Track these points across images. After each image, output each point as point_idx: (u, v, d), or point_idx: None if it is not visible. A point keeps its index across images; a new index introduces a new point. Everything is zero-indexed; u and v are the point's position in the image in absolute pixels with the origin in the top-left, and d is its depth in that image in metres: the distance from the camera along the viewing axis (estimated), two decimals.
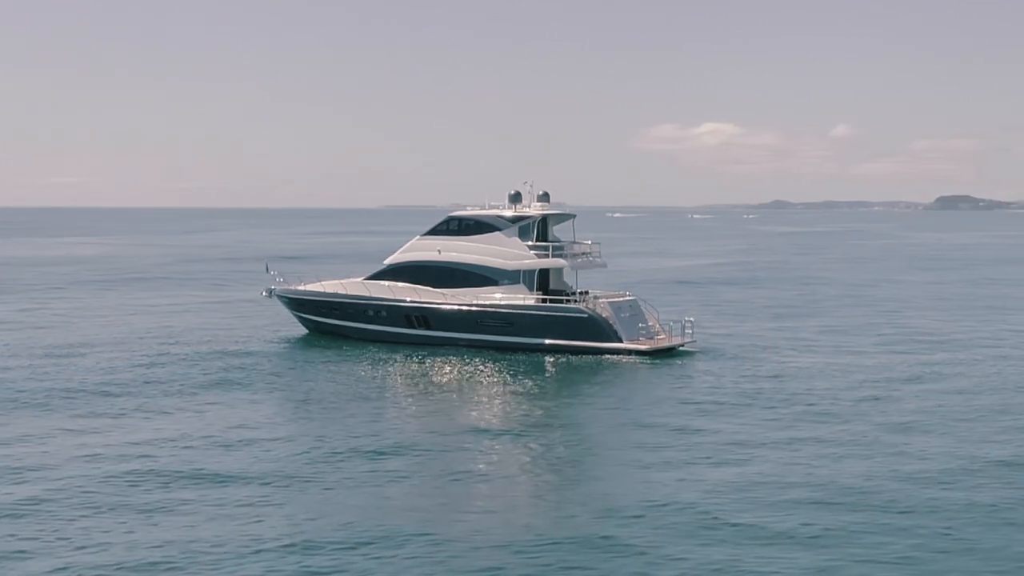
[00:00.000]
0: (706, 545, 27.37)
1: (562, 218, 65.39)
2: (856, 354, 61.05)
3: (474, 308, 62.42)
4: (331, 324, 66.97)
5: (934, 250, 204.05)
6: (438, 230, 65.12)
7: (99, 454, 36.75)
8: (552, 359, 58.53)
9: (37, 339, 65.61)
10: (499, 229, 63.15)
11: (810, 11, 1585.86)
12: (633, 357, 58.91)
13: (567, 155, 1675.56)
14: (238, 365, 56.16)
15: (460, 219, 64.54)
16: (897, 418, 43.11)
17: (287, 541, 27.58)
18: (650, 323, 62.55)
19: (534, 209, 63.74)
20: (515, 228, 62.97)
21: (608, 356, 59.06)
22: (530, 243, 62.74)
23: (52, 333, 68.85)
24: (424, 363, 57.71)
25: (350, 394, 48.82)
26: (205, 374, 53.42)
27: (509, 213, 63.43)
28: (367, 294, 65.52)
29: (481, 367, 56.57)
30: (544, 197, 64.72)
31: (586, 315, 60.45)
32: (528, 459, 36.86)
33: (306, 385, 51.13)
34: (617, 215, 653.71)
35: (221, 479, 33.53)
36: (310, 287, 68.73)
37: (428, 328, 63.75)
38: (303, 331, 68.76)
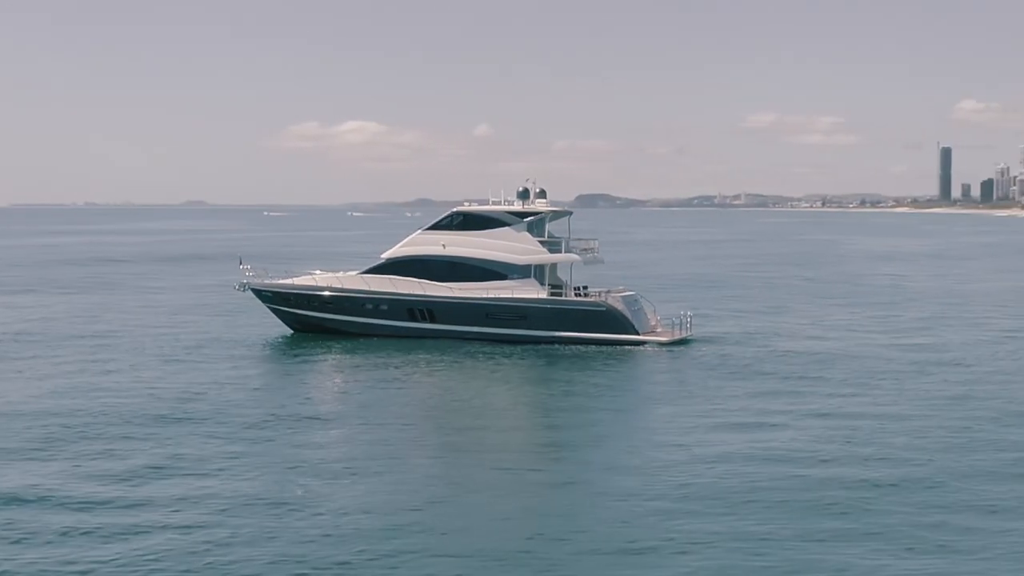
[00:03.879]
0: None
1: (560, 215, 67.60)
2: (847, 336, 66.64)
3: (484, 301, 63.64)
4: (322, 319, 66.22)
5: (714, 247, 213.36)
6: (442, 225, 65.77)
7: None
8: (571, 351, 60.75)
9: None
10: (508, 224, 64.55)
11: (448, 12, 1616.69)
12: (652, 348, 61.94)
13: (211, 154, 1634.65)
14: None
15: (466, 214, 65.47)
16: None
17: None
18: (648, 317, 65.80)
19: (539, 206, 65.68)
20: (524, 224, 64.65)
21: (628, 348, 61.76)
22: (541, 239, 64.76)
23: None
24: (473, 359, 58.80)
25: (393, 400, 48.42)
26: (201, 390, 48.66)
27: (517, 209, 65.08)
28: (366, 287, 65.49)
29: (514, 362, 58.16)
30: (541, 194, 66.76)
31: (605, 308, 63.02)
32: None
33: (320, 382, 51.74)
34: (274, 214, 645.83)
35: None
36: (298, 281, 67.72)
37: (433, 321, 64.40)
38: (283, 330, 67.66)
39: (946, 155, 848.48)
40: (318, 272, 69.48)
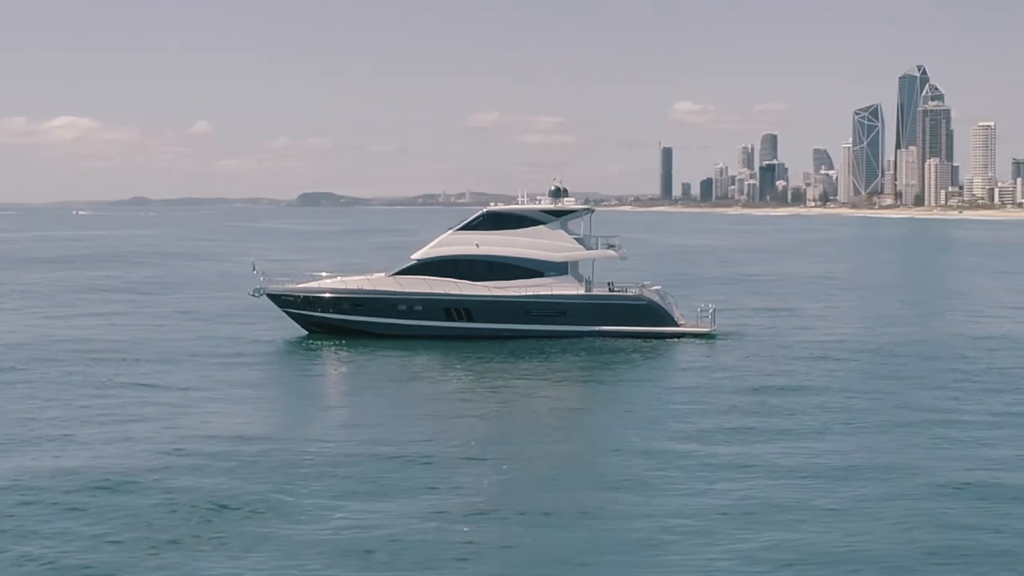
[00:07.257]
0: None
1: (582, 213, 68.48)
2: (846, 325, 70.24)
3: (524, 299, 63.86)
4: (349, 321, 64.76)
5: None
6: (473, 225, 65.45)
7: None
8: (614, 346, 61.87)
9: None
10: (542, 223, 64.98)
11: (160, 4, 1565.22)
12: (689, 340, 63.71)
13: None
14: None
15: (498, 213, 65.54)
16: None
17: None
18: (674, 310, 67.38)
19: (568, 204, 66.35)
20: (558, 222, 65.25)
21: (672, 339, 63.26)
22: (577, 236, 65.62)
23: None
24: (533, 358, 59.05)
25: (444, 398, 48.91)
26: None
27: (550, 207, 65.60)
28: (399, 288, 64.65)
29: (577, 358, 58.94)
30: (566, 193, 67.44)
31: (645, 302, 64.47)
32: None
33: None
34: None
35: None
36: (325, 284, 66.15)
37: (471, 320, 64.16)
38: (295, 333, 65.88)
39: (667, 155, 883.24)
40: (324, 274, 68.63)
